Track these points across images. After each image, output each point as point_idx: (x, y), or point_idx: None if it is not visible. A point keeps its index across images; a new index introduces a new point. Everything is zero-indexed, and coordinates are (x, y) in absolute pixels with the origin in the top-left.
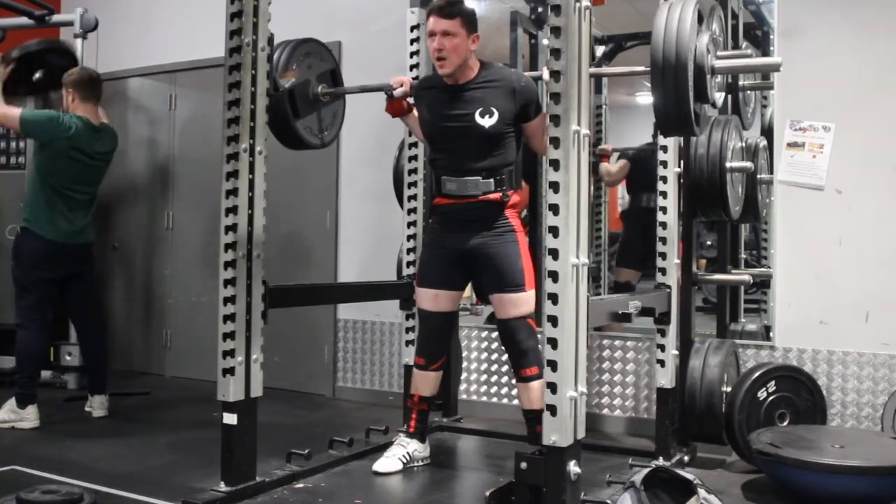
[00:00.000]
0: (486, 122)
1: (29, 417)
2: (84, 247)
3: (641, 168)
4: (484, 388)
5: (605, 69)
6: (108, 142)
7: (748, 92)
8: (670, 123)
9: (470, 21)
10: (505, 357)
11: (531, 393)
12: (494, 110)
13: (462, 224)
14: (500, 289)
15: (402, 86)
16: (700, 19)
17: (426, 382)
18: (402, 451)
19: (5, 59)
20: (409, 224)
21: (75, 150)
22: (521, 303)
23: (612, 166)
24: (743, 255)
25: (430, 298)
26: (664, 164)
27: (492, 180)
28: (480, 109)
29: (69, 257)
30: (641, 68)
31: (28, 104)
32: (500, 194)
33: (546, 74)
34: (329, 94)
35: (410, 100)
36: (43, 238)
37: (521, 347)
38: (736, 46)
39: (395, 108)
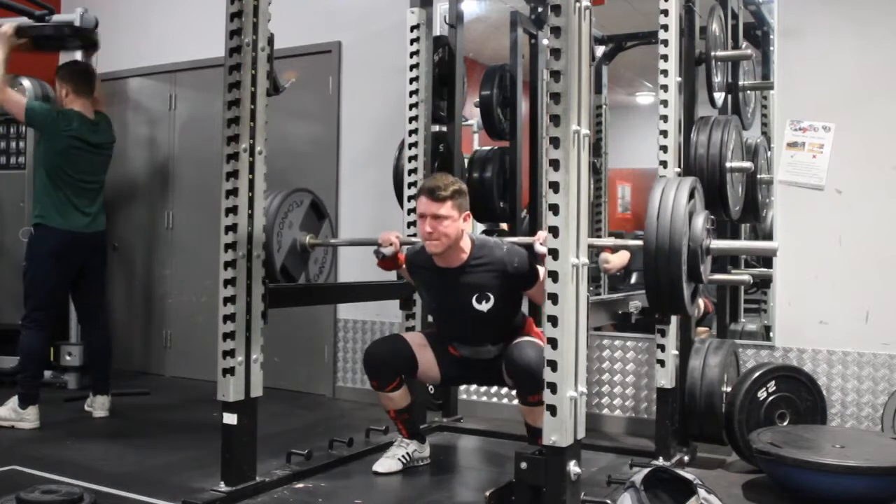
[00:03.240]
0: (484, 307)
1: (29, 418)
2: (97, 235)
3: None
4: (484, 388)
5: (598, 240)
6: (106, 133)
7: (748, 92)
8: (661, 305)
9: (461, 202)
10: None
11: (537, 415)
12: (490, 295)
13: (477, 362)
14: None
15: (391, 244)
16: (693, 195)
17: (391, 400)
18: (401, 452)
19: (19, 31)
20: (409, 224)
21: (76, 140)
22: (526, 338)
23: (613, 256)
24: (743, 256)
25: (418, 343)
26: (664, 164)
27: (502, 343)
28: (476, 295)
29: (83, 247)
30: (635, 242)
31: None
32: (509, 343)
33: (539, 244)
34: (318, 245)
35: (403, 252)
36: (56, 230)
37: (531, 367)
38: (736, 46)
39: (387, 265)
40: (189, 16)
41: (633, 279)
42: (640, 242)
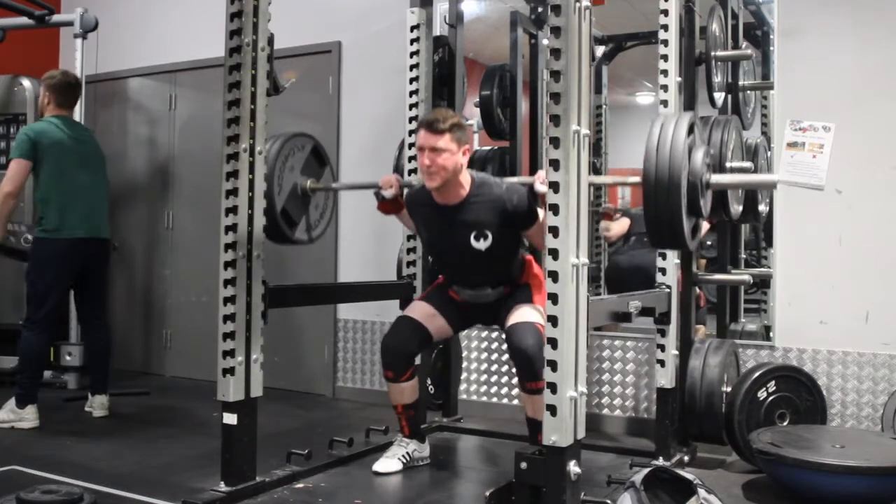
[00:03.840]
0: (482, 244)
1: (28, 417)
2: (100, 242)
3: (640, 225)
4: (484, 388)
5: (600, 178)
6: (88, 133)
7: (748, 92)
8: (662, 240)
9: (460, 135)
10: (505, 357)
11: (537, 405)
12: (489, 232)
13: (479, 306)
14: (508, 311)
15: (391, 187)
16: (692, 130)
17: (402, 393)
18: (401, 451)
19: None
20: None
21: (55, 140)
22: (527, 310)
23: (613, 223)
24: (743, 255)
25: (424, 311)
26: None
27: (501, 287)
28: (475, 233)
29: (85, 252)
30: (634, 179)
31: None
32: (511, 287)
33: (539, 183)
34: (318, 190)
35: (404, 193)
36: (60, 239)
37: (529, 354)
38: (736, 46)
39: (387, 208)
40: (189, 16)
41: (632, 241)
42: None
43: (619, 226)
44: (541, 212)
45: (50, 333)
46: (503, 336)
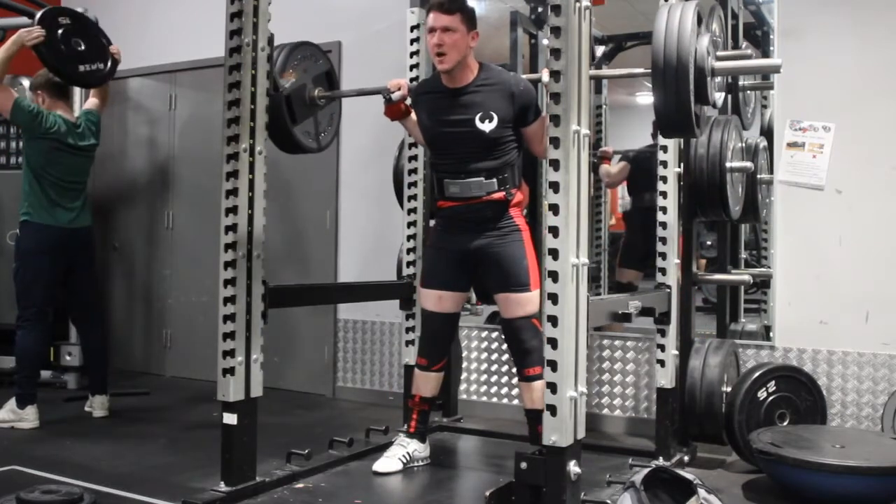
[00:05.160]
0: (486, 126)
1: (28, 418)
2: (83, 231)
3: (642, 169)
4: (484, 388)
5: (605, 71)
6: (88, 135)
7: (748, 92)
8: (671, 125)
9: (470, 17)
10: (505, 357)
11: (534, 393)
12: (494, 114)
13: (466, 225)
14: (506, 288)
15: (399, 89)
16: (700, 20)
17: (427, 383)
18: (402, 451)
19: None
20: (409, 224)
21: (57, 143)
22: (526, 302)
23: (613, 168)
24: (743, 255)
25: (433, 299)
26: (664, 164)
27: (494, 180)
28: (480, 114)
29: (69, 243)
30: (642, 70)
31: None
32: (504, 193)
33: (546, 76)
34: (325, 98)
35: (408, 101)
36: (43, 226)
37: (525, 347)
38: (736, 46)
39: (394, 111)
40: (189, 16)
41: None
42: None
43: (619, 170)
44: (544, 113)
45: (44, 330)
46: (501, 329)
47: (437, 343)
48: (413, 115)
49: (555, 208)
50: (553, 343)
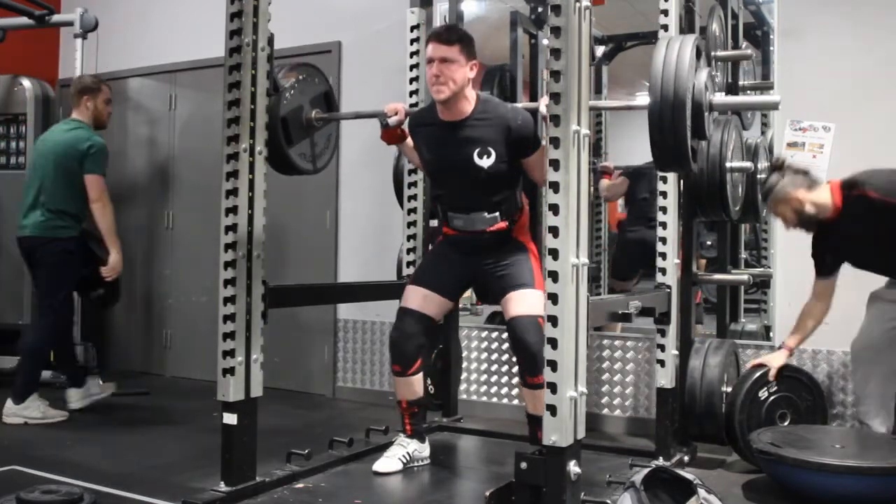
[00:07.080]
0: (485, 162)
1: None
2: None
3: (640, 186)
4: (484, 388)
5: (603, 102)
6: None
7: (748, 92)
8: (667, 160)
9: (469, 48)
10: (505, 357)
11: (537, 401)
12: (492, 150)
13: (473, 250)
14: (508, 290)
15: (396, 114)
16: (699, 55)
17: (408, 387)
18: (401, 451)
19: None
20: (409, 224)
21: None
22: (529, 298)
23: (613, 183)
24: (743, 255)
25: (418, 297)
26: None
27: (497, 213)
28: (478, 150)
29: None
30: (640, 104)
31: None
32: (508, 222)
33: (544, 108)
34: (322, 120)
35: (405, 125)
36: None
37: (532, 351)
38: (736, 46)
39: (391, 136)
40: (189, 16)
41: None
42: (646, 102)
43: (619, 185)
44: (544, 142)
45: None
46: (506, 330)
47: (407, 346)
48: (410, 141)
49: (555, 208)
50: (553, 343)
